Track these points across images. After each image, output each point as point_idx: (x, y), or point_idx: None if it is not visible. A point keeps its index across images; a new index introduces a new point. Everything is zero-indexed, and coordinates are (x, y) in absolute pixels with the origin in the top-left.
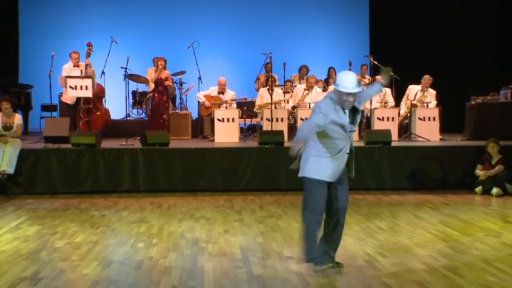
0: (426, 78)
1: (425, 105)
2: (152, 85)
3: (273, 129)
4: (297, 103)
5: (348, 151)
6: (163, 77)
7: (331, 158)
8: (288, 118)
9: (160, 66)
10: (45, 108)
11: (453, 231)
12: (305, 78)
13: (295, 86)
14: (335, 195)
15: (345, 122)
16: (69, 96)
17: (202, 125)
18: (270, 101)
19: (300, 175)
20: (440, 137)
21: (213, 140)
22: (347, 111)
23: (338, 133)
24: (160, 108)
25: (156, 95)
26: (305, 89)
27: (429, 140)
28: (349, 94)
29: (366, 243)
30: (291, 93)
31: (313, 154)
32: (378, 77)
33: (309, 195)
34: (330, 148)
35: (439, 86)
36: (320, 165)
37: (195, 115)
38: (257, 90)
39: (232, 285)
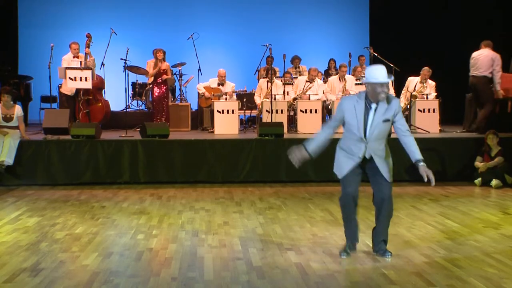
0: (425, 69)
1: (425, 96)
2: (152, 77)
3: (273, 120)
4: (298, 95)
5: (360, 155)
6: (162, 69)
7: (345, 155)
8: (288, 110)
9: (160, 58)
10: (45, 99)
11: (452, 223)
12: (299, 67)
13: (296, 77)
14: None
15: (357, 122)
16: (69, 88)
17: (202, 116)
18: (270, 93)
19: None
20: (439, 128)
21: (212, 132)
22: (372, 114)
23: (352, 133)
24: (161, 100)
25: (155, 87)
26: (306, 81)
27: (429, 132)
28: (382, 84)
29: (366, 235)
30: (291, 84)
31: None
32: None
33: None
34: (346, 144)
35: (439, 78)
36: (337, 160)
37: (194, 107)
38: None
39: (231, 276)
